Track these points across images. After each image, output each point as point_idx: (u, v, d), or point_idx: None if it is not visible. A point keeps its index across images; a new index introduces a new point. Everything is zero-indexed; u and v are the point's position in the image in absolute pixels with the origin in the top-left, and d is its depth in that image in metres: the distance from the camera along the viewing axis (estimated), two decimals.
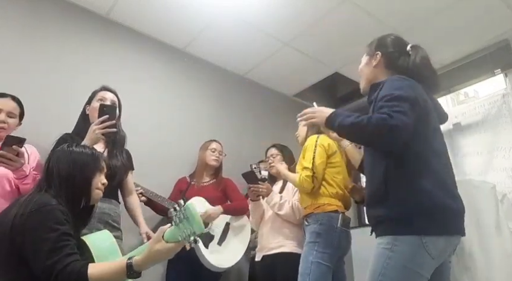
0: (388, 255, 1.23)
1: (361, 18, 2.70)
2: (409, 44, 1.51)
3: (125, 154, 2.06)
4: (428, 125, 1.33)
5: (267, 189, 2.30)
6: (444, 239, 1.24)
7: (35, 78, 2.34)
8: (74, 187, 1.30)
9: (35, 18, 2.45)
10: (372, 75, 1.52)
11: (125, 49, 2.83)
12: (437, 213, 1.23)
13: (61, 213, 1.19)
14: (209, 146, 2.75)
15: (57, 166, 1.32)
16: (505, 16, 2.70)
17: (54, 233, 1.14)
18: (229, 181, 2.72)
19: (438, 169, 1.29)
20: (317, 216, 1.99)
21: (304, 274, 1.89)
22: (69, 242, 1.16)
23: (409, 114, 1.23)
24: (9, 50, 2.30)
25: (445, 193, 1.26)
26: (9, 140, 1.55)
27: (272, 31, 2.90)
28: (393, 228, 1.26)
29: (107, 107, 1.81)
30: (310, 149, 2.09)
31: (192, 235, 1.08)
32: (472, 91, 3.44)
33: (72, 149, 1.37)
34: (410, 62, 1.45)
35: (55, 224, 1.16)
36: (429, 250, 1.21)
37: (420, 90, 1.35)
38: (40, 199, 1.21)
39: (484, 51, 3.04)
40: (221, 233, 2.51)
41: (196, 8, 2.67)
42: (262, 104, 3.59)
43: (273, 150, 2.58)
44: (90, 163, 1.36)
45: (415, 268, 1.21)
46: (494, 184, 2.51)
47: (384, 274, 1.22)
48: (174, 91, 3.04)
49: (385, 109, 1.24)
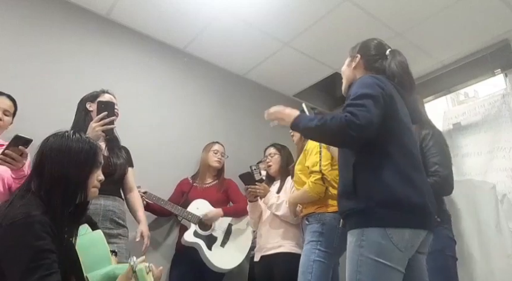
0: (359, 251, 1.25)
1: (361, 18, 2.70)
2: (389, 49, 1.56)
3: (124, 150, 2.08)
4: (395, 122, 1.36)
5: (264, 190, 2.30)
6: (409, 231, 1.25)
7: (35, 78, 2.34)
8: (69, 185, 1.17)
9: (35, 18, 2.45)
10: (352, 75, 1.58)
11: (125, 49, 2.83)
12: (399, 207, 1.25)
13: (40, 225, 1.06)
14: (212, 148, 2.75)
15: (50, 160, 1.17)
16: (505, 16, 2.69)
17: (28, 252, 1.03)
18: (231, 183, 2.73)
19: (403, 164, 1.31)
20: (319, 216, 1.99)
21: (306, 273, 1.89)
22: (45, 260, 1.04)
23: (372, 110, 1.27)
24: (9, 50, 2.30)
25: (409, 188, 1.27)
26: (16, 140, 1.54)
27: (272, 31, 2.90)
28: (360, 221, 1.29)
29: (105, 103, 1.82)
30: (314, 152, 2.07)
31: None
32: (472, 91, 3.45)
33: (68, 138, 1.22)
34: (387, 64, 1.50)
35: (32, 239, 1.04)
36: (395, 242, 1.22)
37: (388, 87, 1.38)
38: (20, 209, 1.08)
39: (484, 51, 3.03)
40: (223, 235, 2.52)
41: (196, 8, 2.67)
42: (262, 104, 3.56)
43: (272, 149, 2.59)
44: (87, 158, 1.22)
45: (385, 261, 1.22)
46: (494, 184, 2.51)
47: (360, 271, 1.24)
48: (174, 91, 3.04)
49: (349, 108, 1.29)
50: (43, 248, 1.05)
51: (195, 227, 2.45)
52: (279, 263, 2.19)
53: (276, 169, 2.52)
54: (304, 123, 1.37)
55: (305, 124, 1.36)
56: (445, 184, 1.92)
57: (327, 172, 2.01)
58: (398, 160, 1.31)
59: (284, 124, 1.49)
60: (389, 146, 1.32)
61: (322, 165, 2.02)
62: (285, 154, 2.56)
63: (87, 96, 2.06)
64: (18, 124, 2.01)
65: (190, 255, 2.40)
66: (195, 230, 2.44)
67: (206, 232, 2.46)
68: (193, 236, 2.41)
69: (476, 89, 3.39)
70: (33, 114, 2.20)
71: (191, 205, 2.51)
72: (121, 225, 1.92)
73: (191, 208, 2.49)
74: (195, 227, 2.45)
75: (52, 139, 1.22)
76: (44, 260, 1.04)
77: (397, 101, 1.40)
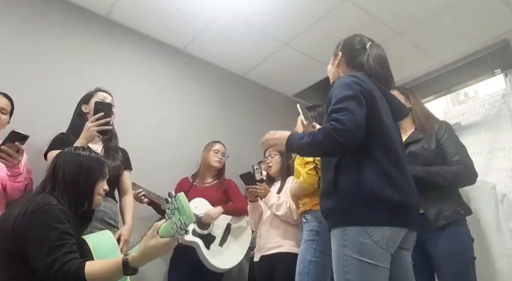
0: (343, 251, 1.26)
1: (361, 18, 2.70)
2: (369, 43, 1.55)
3: (122, 153, 2.07)
4: (376, 120, 1.35)
5: (265, 190, 2.30)
6: (388, 229, 1.25)
7: (34, 78, 2.34)
8: (78, 191, 1.34)
9: (35, 18, 2.45)
10: (336, 74, 1.58)
11: (125, 49, 2.83)
12: (378, 204, 1.25)
13: (61, 212, 1.22)
14: (212, 148, 2.75)
15: (63, 169, 1.35)
16: (505, 16, 2.70)
17: (53, 232, 1.16)
18: (231, 182, 2.73)
19: (384, 161, 1.31)
20: (316, 214, 1.95)
21: (302, 274, 1.87)
22: (68, 240, 1.18)
23: (356, 112, 1.27)
24: (8, 50, 2.30)
25: (389, 186, 1.27)
26: (13, 136, 1.53)
27: (272, 31, 2.90)
28: (340, 220, 1.29)
29: (102, 104, 1.81)
30: None
31: (183, 226, 1.08)
32: (472, 91, 3.44)
33: (79, 152, 1.41)
34: (365, 58, 1.50)
35: (55, 222, 1.18)
36: (375, 239, 1.23)
37: (368, 85, 1.38)
38: (41, 200, 1.24)
39: (484, 51, 3.04)
40: (222, 234, 2.51)
41: (196, 8, 2.68)
42: (262, 104, 3.59)
43: (272, 150, 2.58)
44: (95, 170, 1.41)
45: (368, 259, 1.22)
46: (494, 184, 2.51)
47: (347, 271, 1.25)
48: (174, 91, 3.04)
49: (333, 114, 1.28)
50: (65, 230, 1.19)
51: (194, 226, 2.44)
52: (279, 263, 2.18)
53: (277, 170, 2.52)
54: (297, 143, 1.38)
55: (298, 144, 1.37)
56: (470, 172, 1.90)
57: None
58: (379, 159, 1.30)
59: (280, 149, 1.52)
60: (370, 145, 1.31)
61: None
62: (285, 154, 2.56)
63: (82, 98, 2.06)
64: (18, 124, 2.00)
65: (189, 255, 2.39)
66: (194, 228, 2.43)
67: (205, 231, 2.45)
68: (191, 234, 2.41)
69: (476, 89, 3.39)
70: (33, 114, 2.20)
71: (190, 204, 2.49)
72: (112, 226, 1.91)
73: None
74: (193, 226, 2.44)
75: (65, 153, 1.42)
76: (68, 240, 1.18)
77: (377, 98, 1.39)
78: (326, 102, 1.43)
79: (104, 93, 2.06)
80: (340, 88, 1.35)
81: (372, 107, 1.35)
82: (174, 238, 1.12)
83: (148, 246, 1.14)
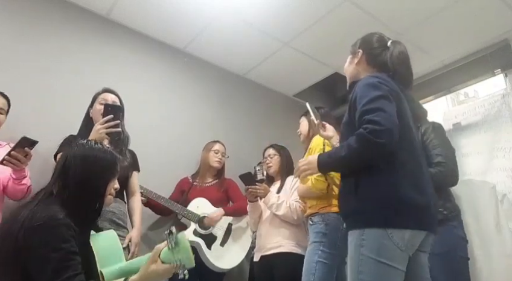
0: (360, 251, 1.25)
1: (361, 19, 2.70)
2: (390, 40, 1.53)
3: (130, 154, 2.08)
4: (401, 121, 1.33)
5: (265, 190, 2.30)
6: (409, 231, 1.24)
7: (34, 78, 2.34)
8: (89, 192, 1.25)
9: (35, 18, 2.45)
10: (355, 72, 1.55)
11: (125, 49, 2.83)
12: (401, 207, 1.24)
13: (66, 228, 1.14)
14: (212, 148, 2.75)
15: (74, 166, 1.25)
16: (505, 16, 2.69)
17: (57, 253, 1.10)
18: (231, 182, 2.72)
19: (407, 163, 1.30)
20: (323, 216, 1.97)
21: (309, 274, 1.88)
22: (73, 261, 1.11)
23: (389, 110, 1.25)
24: (8, 50, 2.30)
25: (413, 188, 1.26)
26: (23, 142, 1.57)
27: (271, 31, 2.89)
28: (361, 222, 1.28)
29: (111, 106, 1.82)
30: (318, 149, 2.04)
31: (183, 268, 1.09)
32: (472, 91, 3.44)
33: (93, 146, 1.30)
34: (388, 56, 1.48)
35: (60, 242, 1.11)
36: (395, 241, 1.22)
37: (392, 85, 1.37)
38: (46, 212, 1.15)
39: (484, 51, 3.03)
40: (223, 234, 2.51)
41: (196, 8, 2.67)
42: (262, 104, 3.59)
43: (271, 150, 2.59)
44: (110, 166, 1.31)
45: (386, 261, 1.22)
46: (494, 184, 2.51)
47: (362, 271, 1.24)
48: (174, 91, 3.04)
49: (366, 116, 1.25)
50: (70, 250, 1.12)
51: (195, 226, 2.44)
52: (279, 263, 2.19)
53: (276, 170, 2.52)
54: (331, 161, 1.35)
55: (334, 161, 1.34)
56: (449, 175, 1.89)
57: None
58: (404, 160, 1.29)
59: (313, 173, 1.45)
60: (395, 147, 1.29)
61: None
62: (284, 154, 2.56)
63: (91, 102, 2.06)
64: (18, 124, 2.01)
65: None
66: (195, 228, 2.44)
67: (206, 231, 2.46)
68: (192, 234, 2.41)
69: (476, 89, 3.39)
70: (33, 114, 2.20)
71: (191, 203, 2.50)
72: (121, 226, 1.92)
73: (191, 207, 2.48)
74: (194, 226, 2.44)
75: (76, 147, 1.31)
76: (72, 261, 1.11)
77: (402, 98, 1.38)
78: (348, 104, 1.41)
79: (106, 93, 2.05)
80: (367, 89, 1.33)
81: (398, 108, 1.33)
82: (174, 267, 1.12)
83: (150, 270, 1.12)
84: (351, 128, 1.34)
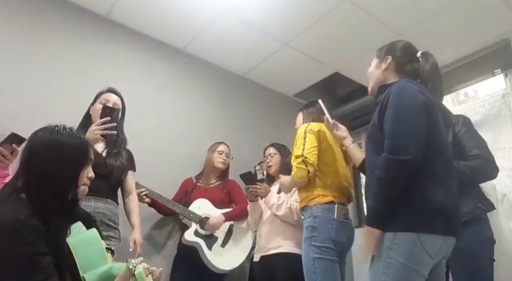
0: (388, 254, 1.26)
1: (361, 18, 2.70)
2: (419, 51, 1.56)
3: (126, 153, 2.06)
4: (436, 129, 1.36)
5: (265, 190, 2.30)
6: (442, 238, 1.27)
7: (34, 78, 2.34)
8: (57, 182, 1.11)
9: (35, 18, 2.45)
10: (382, 77, 1.57)
11: (125, 49, 2.83)
12: (436, 213, 1.26)
13: (29, 230, 1.02)
14: (217, 149, 2.75)
15: (38, 156, 1.11)
16: (505, 16, 2.69)
17: (20, 258, 1.00)
18: (234, 184, 2.72)
19: (441, 170, 1.32)
20: (311, 209, 1.91)
21: (310, 273, 1.82)
22: (39, 265, 1.01)
23: (415, 121, 1.28)
24: (8, 50, 2.30)
25: (446, 195, 1.29)
26: (11, 138, 1.54)
27: (271, 31, 2.89)
28: (394, 225, 1.28)
29: (110, 109, 1.83)
30: (300, 137, 2.00)
31: None
32: (472, 91, 3.44)
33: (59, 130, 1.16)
34: (420, 68, 1.51)
35: (23, 245, 1.00)
36: (427, 248, 1.23)
37: (427, 94, 1.39)
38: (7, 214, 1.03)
39: (484, 51, 3.03)
40: (224, 235, 2.51)
41: (196, 8, 2.67)
42: (262, 104, 3.59)
43: (271, 149, 2.59)
44: (78, 155, 1.16)
45: (414, 266, 1.24)
46: (494, 184, 2.50)
47: (386, 273, 1.25)
48: (173, 92, 3.04)
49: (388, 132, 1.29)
50: (34, 252, 1.01)
51: (196, 226, 2.44)
52: (279, 263, 2.18)
53: (277, 169, 2.52)
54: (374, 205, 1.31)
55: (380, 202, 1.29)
56: (489, 166, 1.85)
57: (310, 155, 1.91)
58: (437, 167, 1.32)
59: (375, 238, 1.33)
60: (430, 154, 1.30)
61: (305, 149, 1.93)
62: (285, 153, 2.56)
63: (93, 100, 2.05)
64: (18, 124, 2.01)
65: (192, 256, 2.40)
66: (196, 229, 2.44)
67: (207, 232, 2.46)
68: (193, 235, 2.41)
69: (476, 89, 3.38)
70: (33, 114, 2.20)
71: (193, 204, 2.50)
72: (112, 227, 1.89)
73: (193, 208, 2.48)
74: (196, 226, 2.44)
75: (41, 133, 1.15)
76: (38, 264, 1.01)
77: (436, 107, 1.40)
78: (379, 106, 1.42)
79: (109, 94, 2.04)
80: (401, 95, 1.35)
81: (433, 116, 1.35)
82: None
83: None
84: (379, 133, 1.37)
